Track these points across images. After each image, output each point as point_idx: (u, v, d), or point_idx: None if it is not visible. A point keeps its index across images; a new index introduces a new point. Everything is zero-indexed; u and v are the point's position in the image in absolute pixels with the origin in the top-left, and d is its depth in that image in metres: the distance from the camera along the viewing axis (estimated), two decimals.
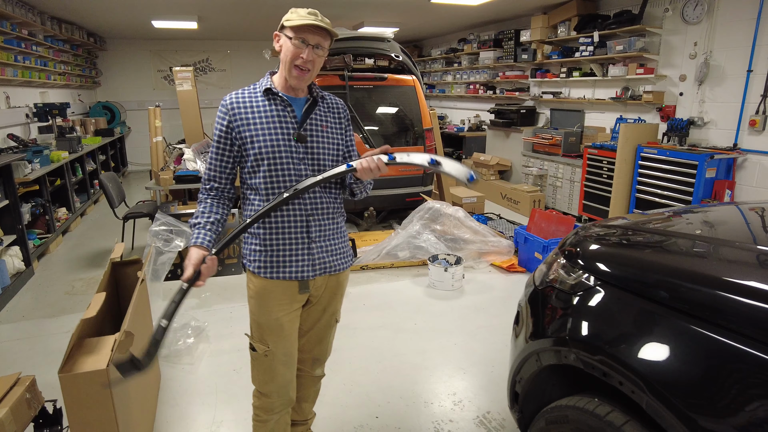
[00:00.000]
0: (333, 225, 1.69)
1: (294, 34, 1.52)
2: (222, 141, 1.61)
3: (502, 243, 4.58)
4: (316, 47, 1.54)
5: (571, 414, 1.42)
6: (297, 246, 1.62)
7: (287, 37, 1.54)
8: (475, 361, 2.92)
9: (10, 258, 4.00)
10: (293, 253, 1.62)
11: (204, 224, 1.59)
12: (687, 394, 1.08)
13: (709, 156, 4.36)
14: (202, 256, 1.48)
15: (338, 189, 1.72)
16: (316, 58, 1.55)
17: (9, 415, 1.75)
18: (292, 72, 1.56)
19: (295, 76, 1.56)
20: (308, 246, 1.63)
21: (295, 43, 1.52)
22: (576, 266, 1.57)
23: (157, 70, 10.17)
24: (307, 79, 1.60)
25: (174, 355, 2.95)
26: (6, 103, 5.74)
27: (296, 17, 1.52)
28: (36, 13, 6.29)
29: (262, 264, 1.63)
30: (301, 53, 1.53)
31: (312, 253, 1.64)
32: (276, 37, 1.61)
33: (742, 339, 1.06)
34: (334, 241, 1.70)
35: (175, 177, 4.86)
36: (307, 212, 1.62)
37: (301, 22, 1.50)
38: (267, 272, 1.62)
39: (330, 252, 1.68)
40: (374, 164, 1.52)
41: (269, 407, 1.74)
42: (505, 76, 7.68)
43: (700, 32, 4.73)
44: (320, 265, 1.66)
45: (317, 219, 1.64)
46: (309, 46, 1.53)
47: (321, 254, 1.66)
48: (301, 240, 1.62)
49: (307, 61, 1.54)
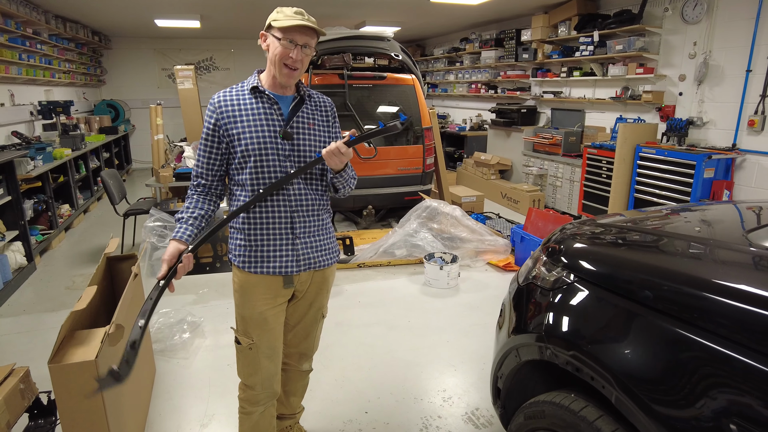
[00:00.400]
0: (318, 221, 1.71)
1: (282, 34, 1.55)
2: (209, 138, 1.65)
3: (499, 242, 4.59)
4: (303, 46, 1.57)
5: (548, 409, 1.44)
6: (281, 241, 1.65)
7: (275, 37, 1.57)
8: (467, 358, 2.94)
9: (12, 253, 4.06)
10: (277, 248, 1.65)
11: (187, 219, 1.63)
12: (653, 390, 1.10)
13: (708, 156, 4.36)
14: (178, 252, 1.53)
15: (323, 185, 1.75)
16: (304, 57, 1.59)
17: (2, 404, 1.79)
18: (282, 70, 1.59)
19: (285, 74, 1.60)
20: (292, 242, 1.66)
21: (284, 44, 1.55)
22: (557, 263, 1.59)
23: (161, 68, 10.24)
24: (296, 77, 1.63)
25: (169, 350, 2.99)
26: (10, 101, 5.81)
27: (283, 17, 1.55)
28: (40, 11, 6.37)
29: (246, 258, 1.66)
30: (290, 53, 1.56)
31: (296, 249, 1.67)
32: (263, 37, 1.63)
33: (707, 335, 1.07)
34: (319, 237, 1.73)
35: (175, 174, 4.91)
36: (292, 208, 1.64)
37: (289, 23, 1.53)
38: (251, 266, 1.66)
39: (314, 248, 1.71)
40: (334, 148, 1.55)
41: (254, 399, 1.77)
42: (507, 76, 7.68)
43: (699, 32, 4.72)
44: (304, 261, 1.69)
45: (301, 215, 1.66)
46: (297, 46, 1.56)
47: (305, 250, 1.68)
48: (286, 235, 1.65)
49: (296, 60, 1.57)
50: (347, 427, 2.34)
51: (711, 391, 1.01)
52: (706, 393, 1.01)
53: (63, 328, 1.70)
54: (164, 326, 3.18)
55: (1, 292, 3.71)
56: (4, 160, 3.96)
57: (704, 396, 1.01)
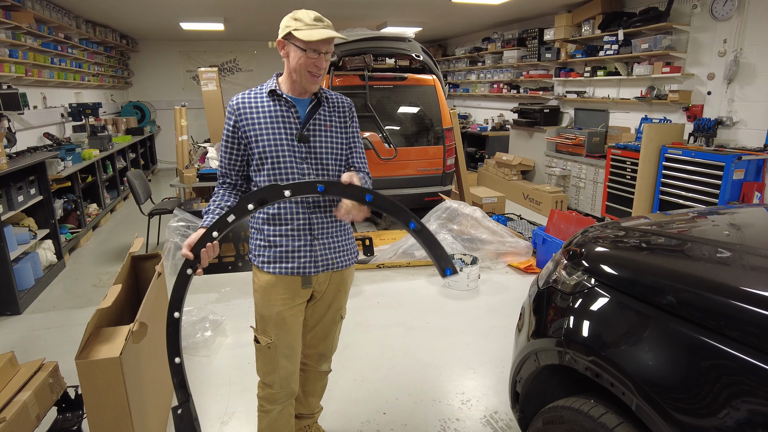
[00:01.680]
0: (336, 222, 1.72)
1: (306, 45, 1.55)
2: (230, 140, 1.68)
3: (520, 244, 4.54)
4: (326, 53, 1.59)
5: (567, 415, 1.42)
6: (299, 242, 1.67)
7: (297, 47, 1.56)
8: (486, 361, 2.92)
9: (43, 251, 4.20)
10: (295, 248, 1.67)
11: (213, 210, 1.65)
12: (675, 398, 1.08)
13: (737, 157, 4.23)
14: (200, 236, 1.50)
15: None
16: (326, 62, 1.61)
17: (32, 398, 1.86)
18: (307, 78, 1.60)
19: (311, 81, 1.61)
20: (310, 242, 1.67)
21: (309, 55, 1.56)
22: (578, 267, 1.57)
23: (186, 70, 10.44)
24: (320, 82, 1.65)
25: (191, 348, 3.05)
26: (43, 103, 6.01)
27: (304, 26, 1.54)
28: (72, 17, 6.56)
29: (266, 259, 1.68)
30: (315, 62, 1.57)
31: (314, 250, 1.68)
32: (281, 44, 1.62)
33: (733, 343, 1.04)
34: (337, 238, 1.74)
35: (199, 175, 5.00)
36: (310, 209, 1.66)
37: (316, 38, 1.52)
38: (270, 267, 1.68)
39: (332, 249, 1.72)
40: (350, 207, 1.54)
41: (272, 398, 1.79)
42: (529, 75, 7.59)
43: (729, 29, 4.59)
44: (322, 262, 1.70)
45: (320, 216, 1.68)
46: (321, 54, 1.57)
47: (323, 251, 1.70)
48: (304, 236, 1.67)
49: (321, 68, 1.59)
50: (365, 427, 2.35)
51: (735, 401, 0.98)
52: (730, 403, 0.98)
53: (89, 325, 1.75)
54: (186, 324, 3.24)
55: (33, 288, 3.84)
56: (36, 161, 4.10)
57: (728, 406, 0.98)
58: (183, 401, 1.58)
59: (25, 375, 1.94)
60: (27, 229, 3.99)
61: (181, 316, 1.54)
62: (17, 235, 3.81)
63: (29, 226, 4.04)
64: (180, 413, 1.58)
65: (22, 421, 1.76)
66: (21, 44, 5.03)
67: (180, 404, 1.58)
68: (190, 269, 1.49)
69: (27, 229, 3.99)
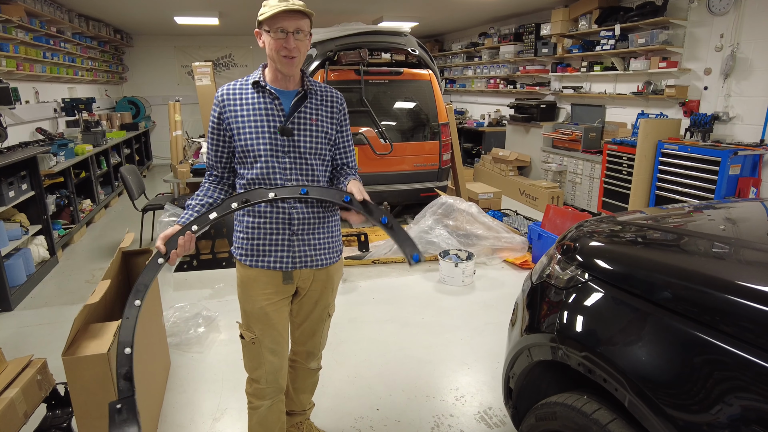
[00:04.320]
0: (318, 219, 1.68)
1: (271, 26, 1.52)
2: (215, 132, 1.65)
3: (516, 239, 4.53)
4: (296, 33, 1.53)
5: (560, 411, 1.40)
6: (278, 236, 1.64)
7: (266, 31, 1.55)
8: (480, 357, 2.91)
9: (35, 247, 4.16)
10: (273, 242, 1.65)
11: (194, 206, 1.63)
12: (668, 394, 1.06)
13: (733, 152, 4.22)
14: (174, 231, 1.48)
15: (325, 183, 1.72)
16: (299, 43, 1.55)
17: (20, 395, 1.83)
18: (282, 61, 1.56)
19: (286, 63, 1.56)
20: (289, 237, 1.65)
21: (275, 36, 1.52)
22: (571, 261, 1.55)
23: (181, 65, 10.37)
24: (297, 64, 1.59)
25: (184, 344, 3.03)
26: (35, 98, 5.95)
27: (268, 9, 1.52)
28: (64, 11, 6.49)
29: (245, 252, 1.67)
30: (283, 43, 1.53)
31: (292, 246, 1.65)
32: (258, 35, 1.61)
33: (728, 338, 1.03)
34: (319, 235, 1.70)
35: (192, 170, 4.97)
36: (290, 204, 1.63)
37: (272, 12, 1.49)
38: (248, 260, 1.66)
39: (313, 246, 1.69)
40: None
41: (260, 393, 1.77)
42: (526, 71, 7.56)
43: (726, 24, 4.57)
44: (300, 258, 1.67)
45: (300, 212, 1.64)
46: (289, 33, 1.52)
47: (302, 247, 1.67)
48: (283, 231, 1.64)
49: (292, 48, 1.54)
50: (358, 423, 2.34)
51: (729, 397, 0.96)
52: (724, 399, 0.97)
53: (76, 321, 1.73)
54: (180, 320, 3.22)
55: (25, 285, 3.80)
56: (28, 156, 4.05)
57: (721, 402, 0.97)
58: (127, 395, 1.36)
59: (12, 372, 1.91)
60: (19, 224, 3.95)
61: (141, 305, 1.42)
62: (8, 231, 3.77)
63: (21, 222, 4.00)
64: (119, 407, 1.32)
65: (9, 419, 1.73)
66: (12, 38, 4.97)
67: (120, 399, 1.35)
68: (162, 258, 1.46)
69: (19, 224, 3.95)
